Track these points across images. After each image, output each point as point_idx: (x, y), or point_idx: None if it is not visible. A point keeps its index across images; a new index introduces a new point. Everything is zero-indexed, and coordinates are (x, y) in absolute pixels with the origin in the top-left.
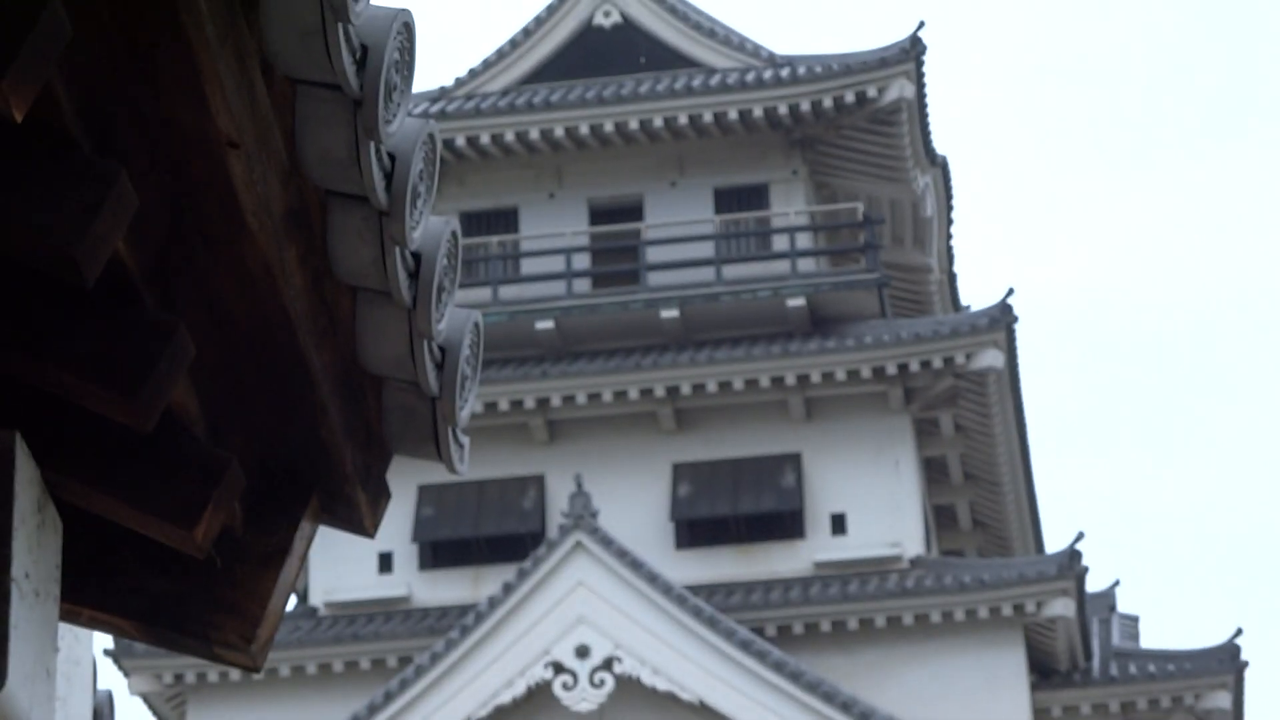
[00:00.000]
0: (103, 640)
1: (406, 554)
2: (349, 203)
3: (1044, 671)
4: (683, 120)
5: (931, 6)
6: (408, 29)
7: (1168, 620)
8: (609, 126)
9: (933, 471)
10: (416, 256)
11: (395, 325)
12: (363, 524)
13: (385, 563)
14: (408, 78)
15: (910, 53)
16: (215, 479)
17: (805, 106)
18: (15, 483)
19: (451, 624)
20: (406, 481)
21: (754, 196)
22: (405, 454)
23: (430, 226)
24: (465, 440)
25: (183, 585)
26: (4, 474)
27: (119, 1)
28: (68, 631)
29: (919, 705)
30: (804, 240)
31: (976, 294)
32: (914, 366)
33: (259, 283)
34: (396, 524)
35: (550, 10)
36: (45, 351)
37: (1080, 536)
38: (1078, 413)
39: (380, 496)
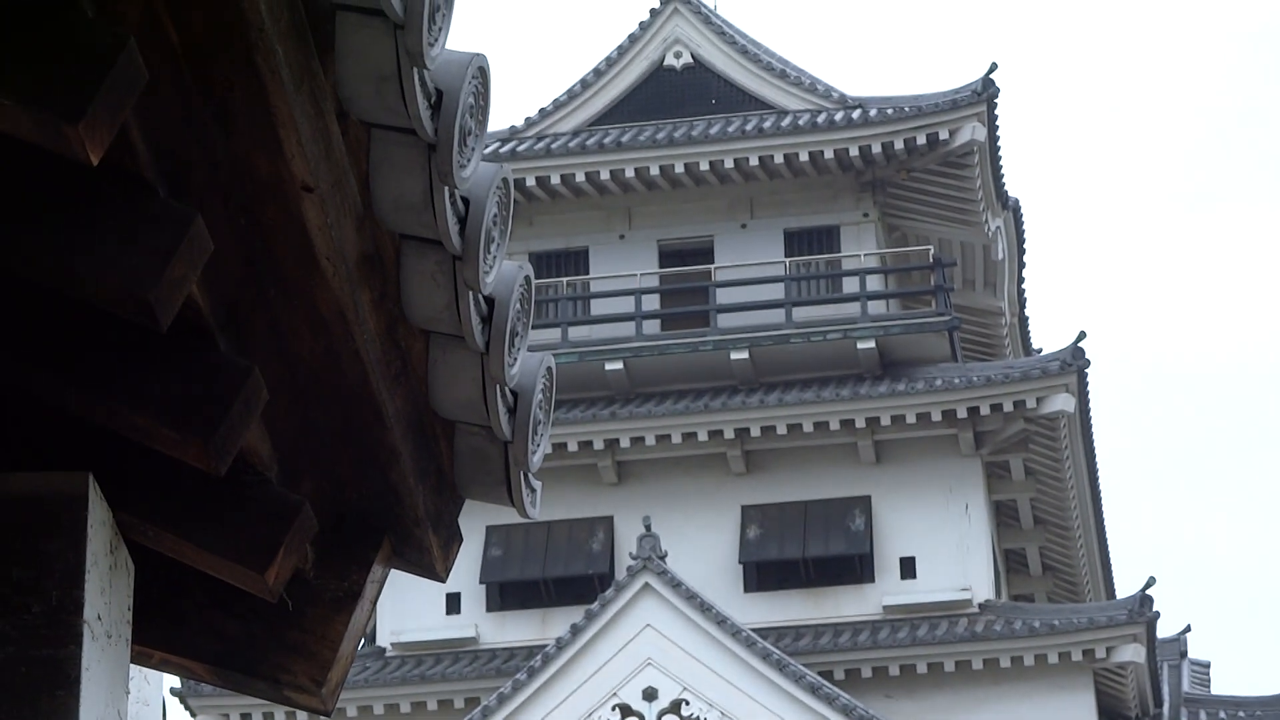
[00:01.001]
0: (170, 679)
1: (474, 595)
2: (423, 247)
3: (1113, 717)
4: (753, 162)
5: (1004, 47)
6: (483, 73)
7: (1239, 667)
8: (679, 168)
9: (1003, 515)
10: (490, 301)
11: (468, 370)
12: (434, 568)
13: (453, 603)
14: (482, 122)
15: (982, 95)
16: (287, 522)
17: (876, 149)
18: (88, 525)
19: (519, 665)
20: (475, 522)
21: (824, 238)
22: (477, 498)
23: (504, 271)
24: (538, 484)
25: (254, 628)
26: (77, 516)
27: (194, 47)
28: (138, 673)
29: None
30: (874, 283)
31: (1048, 337)
32: (984, 410)
33: (332, 327)
34: (464, 565)
35: (621, 51)
36: (118, 394)
37: (1151, 582)
38: (1150, 457)
39: (452, 540)
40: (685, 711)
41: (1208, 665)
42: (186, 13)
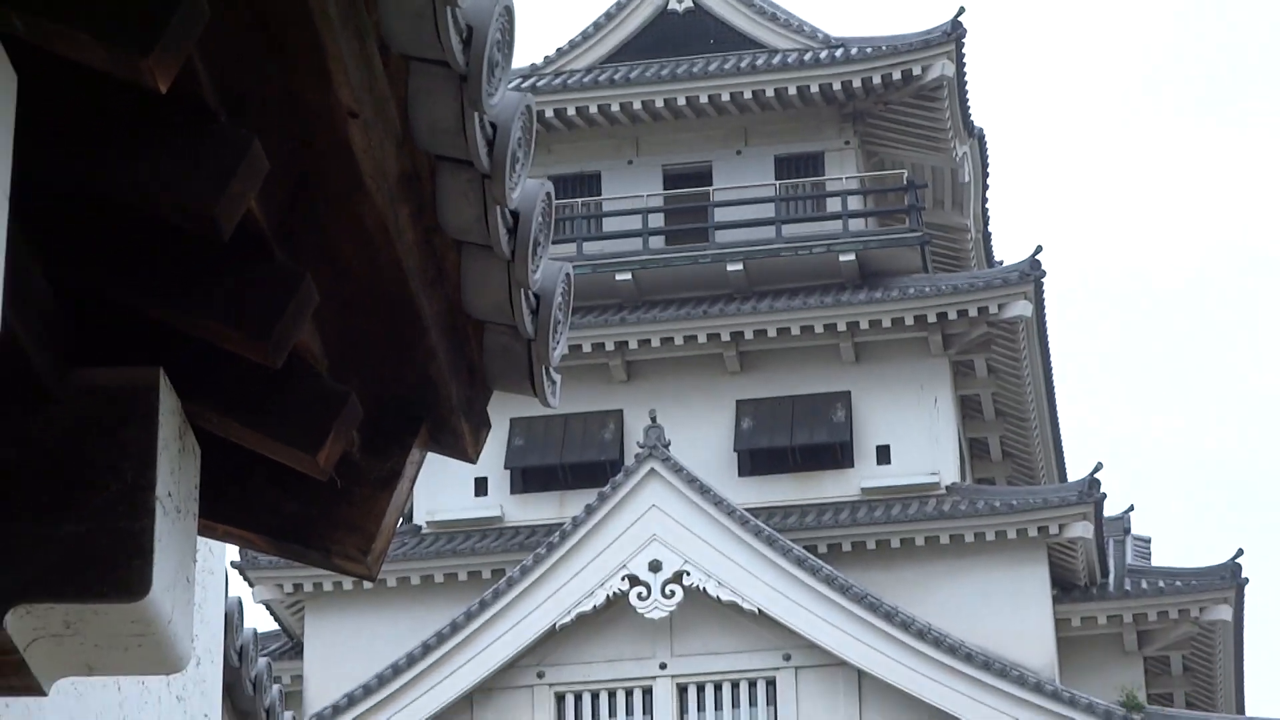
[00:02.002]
0: (231, 551)
1: (500, 479)
2: (456, 167)
3: (1065, 586)
4: (747, 95)
5: None
6: (508, 12)
7: (1176, 542)
8: (681, 100)
9: (967, 408)
10: (515, 214)
11: (496, 276)
12: (465, 452)
13: (481, 487)
14: (508, 56)
15: (951, 35)
16: (336, 410)
17: (856, 84)
18: (159, 413)
19: (539, 541)
20: (500, 414)
21: (810, 164)
22: (504, 390)
23: (527, 188)
24: (557, 378)
25: (307, 505)
26: (149, 405)
27: None
28: (204, 545)
29: (953, 616)
30: (854, 203)
31: (1009, 251)
32: (951, 315)
33: (375, 238)
34: (491, 452)
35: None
36: (187, 298)
37: (1099, 467)
38: (1102, 357)
39: (481, 427)
40: (686, 581)
41: (1148, 540)
42: None
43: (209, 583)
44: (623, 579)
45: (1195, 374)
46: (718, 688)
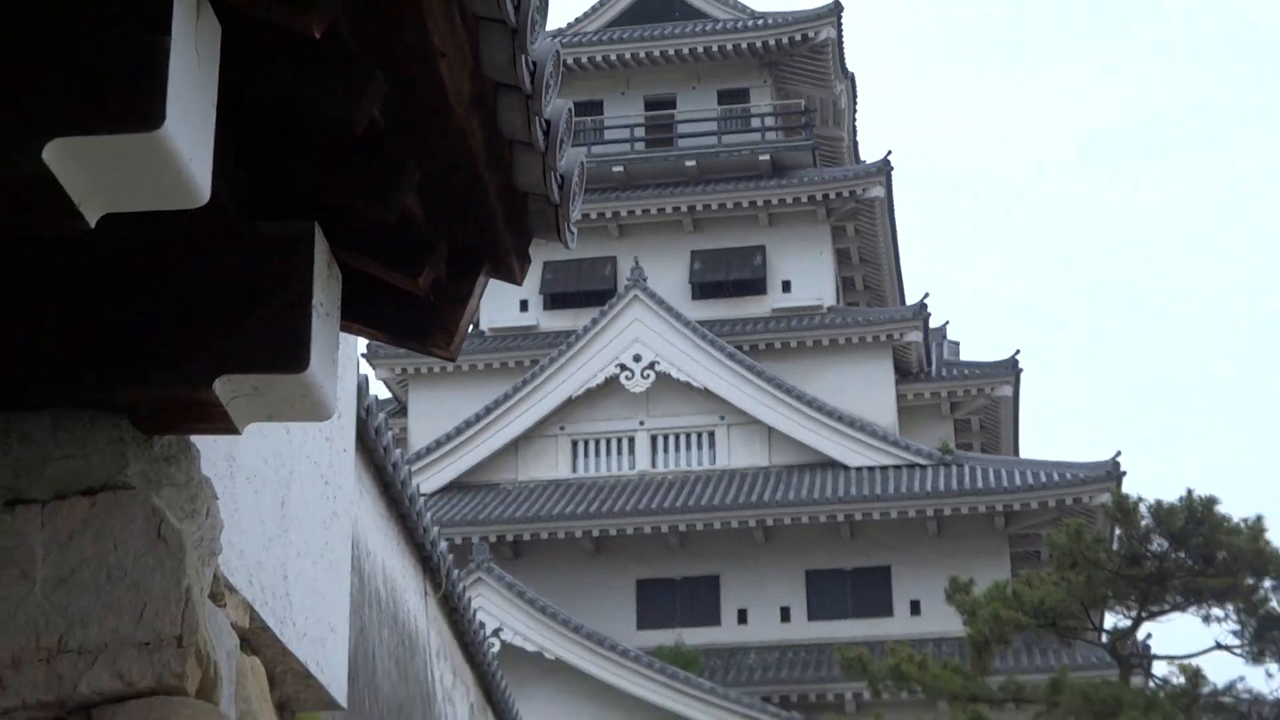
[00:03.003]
0: (360, 344)
1: (536, 300)
2: (510, 90)
3: (903, 373)
4: (700, 49)
5: None
6: None
7: (979, 346)
8: (656, 53)
9: (841, 258)
10: (548, 122)
11: (535, 162)
12: (515, 279)
13: (524, 305)
14: (544, 16)
15: (833, 8)
16: (429, 251)
17: (771, 43)
18: (314, 251)
19: (561, 342)
20: (536, 257)
21: (740, 95)
22: (539, 238)
23: (555, 106)
24: (574, 230)
25: (412, 313)
26: (308, 246)
27: None
28: (344, 338)
29: (830, 393)
30: (769, 121)
31: (873, 152)
32: (831, 195)
33: (456, 136)
34: (530, 281)
35: None
36: (332, 176)
37: (926, 295)
38: (941, 223)
39: (526, 263)
40: (657, 369)
41: (959, 343)
42: None
43: (346, 363)
44: (615, 366)
45: (1011, 231)
46: (677, 438)
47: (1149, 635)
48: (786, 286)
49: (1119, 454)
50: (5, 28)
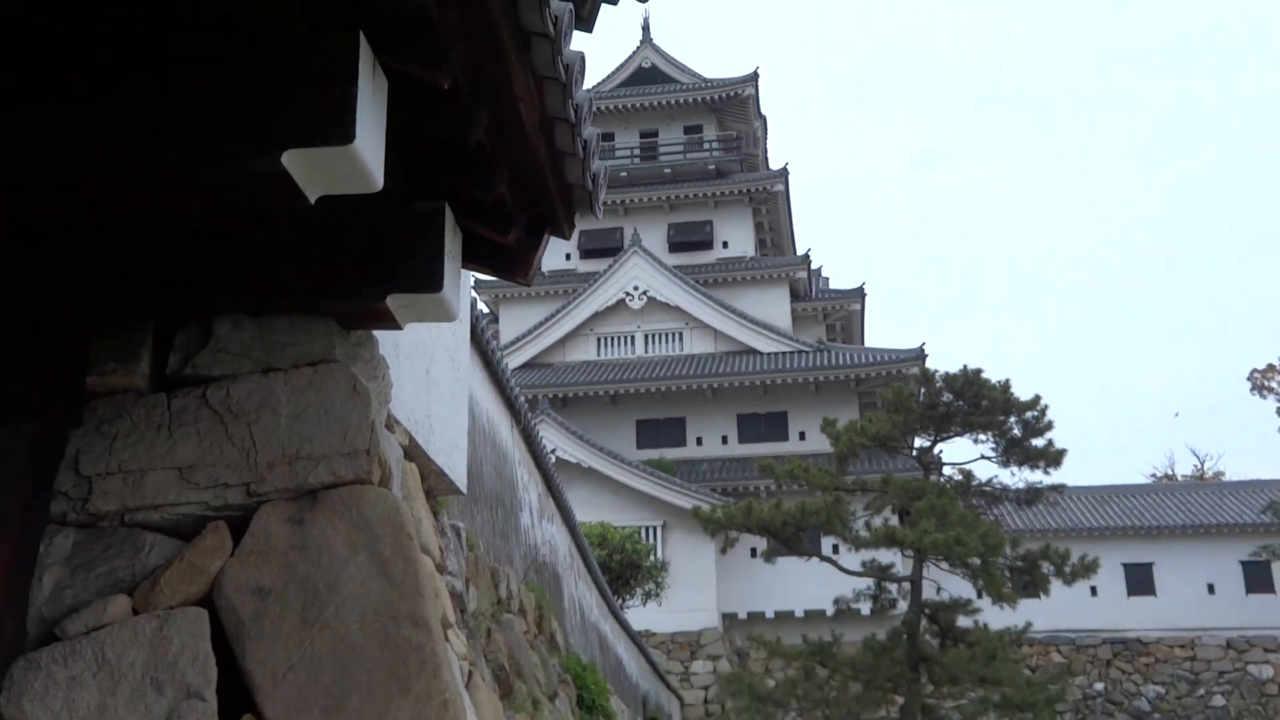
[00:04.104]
0: (470, 277)
1: (575, 253)
2: (562, 122)
3: (795, 296)
4: (672, 101)
5: (772, 44)
6: (570, 15)
7: (843, 279)
8: (647, 104)
9: (759, 228)
10: (585, 141)
11: (578, 167)
12: (566, 237)
13: (568, 256)
14: (583, 77)
15: (753, 76)
16: (513, 218)
17: (715, 97)
18: (445, 222)
19: (590, 279)
20: (577, 226)
21: (698, 129)
22: (580, 213)
23: (589, 131)
24: (601, 209)
25: (504, 257)
26: (440, 217)
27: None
28: (466, 274)
29: (752, 308)
30: (715, 145)
31: (778, 162)
32: (752, 190)
33: (529, 151)
34: (572, 241)
35: (626, 61)
36: (454, 174)
37: (809, 249)
38: (818, 205)
39: (572, 228)
40: (649, 295)
41: (829, 278)
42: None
43: (464, 288)
44: (622, 293)
45: (866, 213)
46: (660, 336)
47: (940, 451)
48: (725, 245)
49: (924, 344)
50: (255, 82)
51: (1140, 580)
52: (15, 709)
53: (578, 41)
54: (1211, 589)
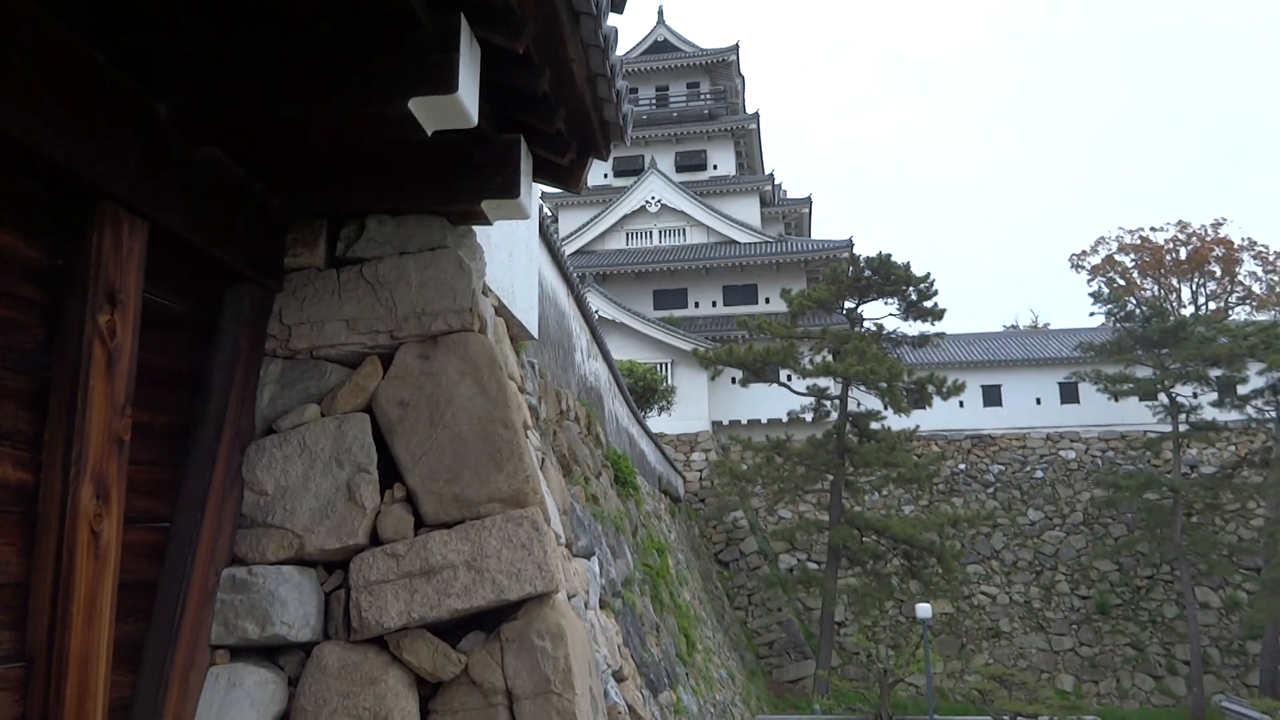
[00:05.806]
0: (538, 189)
1: (610, 172)
2: (602, 77)
3: (763, 203)
4: (675, 65)
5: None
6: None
7: (798, 189)
8: (659, 66)
9: (738, 156)
10: (619, 91)
11: (614, 109)
12: (603, 157)
13: (605, 175)
14: (616, 44)
15: (734, 49)
16: (568, 145)
17: (708, 61)
18: (521, 148)
19: (619, 193)
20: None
21: (696, 85)
22: (616, 141)
23: (620, 84)
24: (630, 139)
25: (561, 174)
26: (518, 146)
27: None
28: (535, 186)
29: (733, 212)
30: (709, 96)
31: (751, 108)
32: (734, 127)
33: (579, 98)
34: (608, 164)
35: (645, 36)
36: (527, 113)
37: (773, 170)
38: (783, 142)
39: (609, 153)
40: (662, 203)
41: (787, 191)
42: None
43: (534, 196)
44: (643, 201)
45: (826, 144)
46: (670, 231)
47: (862, 310)
48: (715, 167)
49: (851, 237)
50: (392, 50)
51: (992, 396)
52: (251, 474)
53: (612, 19)
54: (1039, 401)
